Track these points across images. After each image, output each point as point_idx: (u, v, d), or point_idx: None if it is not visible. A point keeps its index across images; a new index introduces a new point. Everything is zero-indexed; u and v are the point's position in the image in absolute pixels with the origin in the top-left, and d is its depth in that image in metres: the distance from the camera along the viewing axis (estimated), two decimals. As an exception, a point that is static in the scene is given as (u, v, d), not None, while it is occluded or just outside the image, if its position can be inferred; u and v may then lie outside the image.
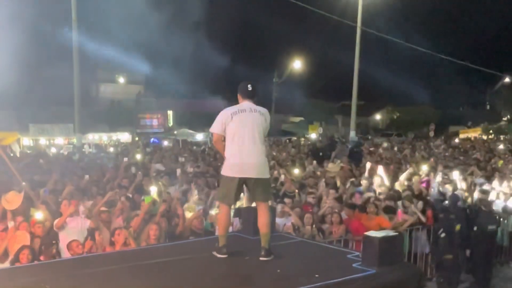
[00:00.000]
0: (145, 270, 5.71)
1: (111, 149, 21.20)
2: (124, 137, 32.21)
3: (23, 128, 26.77)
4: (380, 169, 12.97)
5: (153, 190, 10.09)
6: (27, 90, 28.63)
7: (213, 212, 9.28)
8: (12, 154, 18.57)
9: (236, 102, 6.46)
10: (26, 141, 25.94)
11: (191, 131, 36.08)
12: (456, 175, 12.67)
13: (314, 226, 9.06)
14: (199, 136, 33.74)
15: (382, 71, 50.72)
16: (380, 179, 12.37)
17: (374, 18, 32.64)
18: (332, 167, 14.23)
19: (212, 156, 18.49)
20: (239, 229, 7.71)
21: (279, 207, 9.35)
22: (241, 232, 7.40)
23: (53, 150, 21.81)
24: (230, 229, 8.20)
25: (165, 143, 25.33)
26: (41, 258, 7.40)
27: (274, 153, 20.00)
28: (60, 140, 26.76)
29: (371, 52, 43.15)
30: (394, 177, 13.22)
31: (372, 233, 5.75)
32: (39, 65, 28.76)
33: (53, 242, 7.82)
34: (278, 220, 8.51)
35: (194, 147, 23.43)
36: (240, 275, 5.66)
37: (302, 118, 53.73)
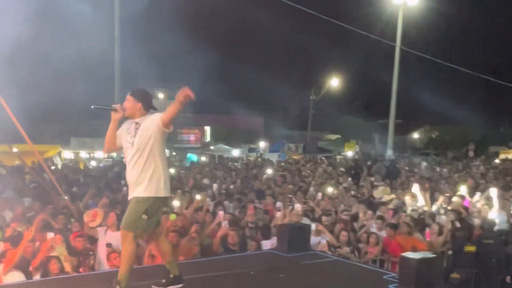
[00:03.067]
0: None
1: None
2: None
3: (65, 141, 27.47)
4: (415, 187, 12.77)
5: (176, 204, 10.15)
6: (69, 104, 29.34)
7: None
8: (53, 167, 19.01)
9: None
10: (67, 154, 26.57)
11: (227, 147, 36.28)
12: (494, 195, 12.29)
13: (349, 245, 8.94)
14: (235, 152, 33.88)
15: (421, 90, 50.01)
16: (411, 197, 12.21)
17: (414, 36, 32.30)
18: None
19: (246, 172, 18.54)
20: (275, 247, 7.69)
21: (314, 226, 9.27)
22: (276, 250, 7.38)
23: (93, 163, 22.25)
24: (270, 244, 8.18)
25: (202, 158, 25.55)
26: (80, 270, 7.50)
27: (309, 171, 19.91)
28: (99, 154, 27.29)
29: (410, 70, 42.68)
30: (430, 197, 12.98)
31: (409, 254, 5.65)
32: (81, 79, 29.48)
33: (91, 253, 7.90)
34: (313, 239, 8.44)
35: (230, 163, 23.52)
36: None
37: (338, 136, 53.37)
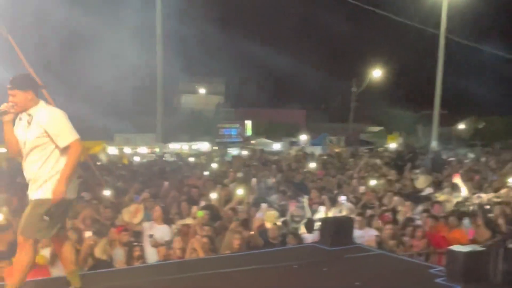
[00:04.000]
0: (223, 278, 5.75)
1: (191, 159, 21.64)
2: (204, 146, 32.81)
3: (109, 137, 27.95)
4: (457, 178, 12.45)
5: (213, 196, 10.16)
6: (114, 100, 29.95)
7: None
8: (99, 163, 19.39)
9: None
10: (112, 150, 27.03)
11: (268, 141, 36.20)
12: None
13: (394, 238, 8.78)
14: (277, 146, 33.77)
15: (466, 79, 48.78)
16: (451, 189, 11.93)
17: (459, 25, 31.42)
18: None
19: (287, 166, 18.44)
20: (317, 240, 7.62)
21: (358, 219, 9.13)
22: (318, 243, 7.31)
23: (136, 158, 22.59)
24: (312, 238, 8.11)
25: (244, 152, 25.57)
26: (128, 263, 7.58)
27: (351, 164, 19.65)
28: (143, 149, 27.68)
29: (455, 60, 41.59)
30: (478, 188, 12.64)
31: (457, 247, 5.50)
32: (124, 76, 30.04)
33: (135, 244, 7.97)
34: (357, 232, 8.33)
35: (271, 157, 23.46)
36: (317, 286, 5.57)
37: (381, 128, 52.57)
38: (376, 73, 47.56)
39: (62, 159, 4.80)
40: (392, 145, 32.15)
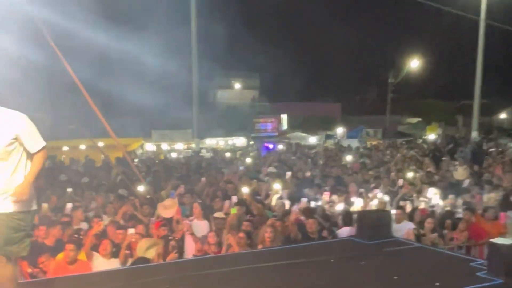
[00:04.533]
0: (259, 273, 5.75)
1: (227, 154, 21.76)
2: (240, 141, 32.95)
3: (146, 134, 28.39)
4: (499, 169, 12.16)
5: (245, 190, 10.16)
6: (150, 97, 30.28)
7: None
8: (136, 159, 19.69)
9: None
10: (149, 146, 27.43)
11: (304, 134, 36.11)
12: None
13: (434, 231, 8.61)
14: (312, 139, 33.65)
15: (508, 68, 47.47)
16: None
17: (499, 11, 30.48)
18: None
19: (323, 159, 18.34)
20: (354, 234, 7.54)
21: (396, 212, 9.00)
22: (356, 237, 7.23)
23: (173, 154, 22.84)
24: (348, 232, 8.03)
25: (279, 146, 25.56)
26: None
27: (388, 156, 19.40)
28: (179, 145, 27.97)
29: (496, 47, 40.45)
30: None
31: (499, 240, 5.34)
32: (161, 73, 30.35)
33: (170, 238, 8.02)
34: (396, 226, 8.20)
35: (307, 150, 23.38)
36: (355, 280, 5.51)
37: (419, 119, 51.69)
38: (414, 63, 46.68)
39: (29, 166, 4.46)
40: (431, 137, 31.59)
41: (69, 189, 11.29)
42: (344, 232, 8.26)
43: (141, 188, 10.82)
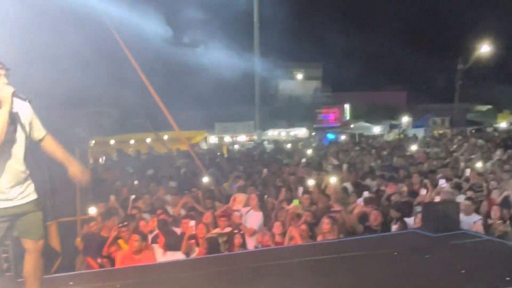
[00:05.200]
0: (320, 265, 5.71)
1: (289, 145, 21.74)
2: (302, 132, 32.81)
3: (210, 126, 28.79)
4: None
5: (311, 183, 10.06)
6: (213, 90, 30.65)
7: None
8: (199, 152, 19.98)
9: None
10: (213, 139, 27.83)
11: (367, 124, 35.50)
12: None
13: (505, 223, 8.23)
14: (376, 129, 33.04)
15: None
16: None
17: None
18: None
19: (387, 149, 17.95)
20: (419, 226, 7.34)
21: (464, 203, 8.67)
22: (421, 229, 7.04)
23: (236, 147, 23.05)
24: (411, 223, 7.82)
25: (342, 137, 25.27)
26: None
27: (456, 146, 18.74)
28: (242, 137, 28.21)
29: None
30: None
31: None
32: (223, 66, 30.64)
33: (235, 232, 8.12)
34: (463, 218, 7.90)
35: (370, 140, 22.98)
36: (420, 274, 5.36)
37: (490, 106, 49.64)
38: (484, 48, 44.76)
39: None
40: (503, 124, 30.29)
41: (136, 182, 11.62)
42: (408, 223, 8.05)
43: (203, 180, 10.99)
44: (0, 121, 3.90)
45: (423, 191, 9.50)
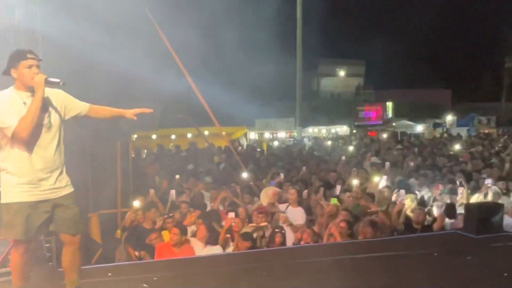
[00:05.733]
0: (358, 263, 5.65)
1: (329, 142, 21.59)
2: (342, 130, 32.50)
3: (250, 122, 28.83)
4: None
5: (355, 182, 9.94)
6: (255, 86, 30.68)
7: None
8: (240, 148, 20.08)
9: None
10: (252, 135, 27.86)
11: (410, 123, 34.87)
12: None
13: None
14: (419, 128, 32.42)
15: None
16: None
17: None
18: None
19: (430, 148, 17.59)
20: (461, 227, 7.17)
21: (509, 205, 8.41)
22: (462, 230, 6.88)
23: (275, 143, 23.04)
24: (453, 224, 7.65)
25: (384, 135, 24.91)
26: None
27: (501, 145, 18.21)
28: (282, 134, 28.15)
29: None
30: None
31: None
32: (265, 62, 30.66)
33: (277, 230, 8.10)
34: (508, 220, 7.67)
35: (413, 139, 22.58)
36: (460, 276, 5.24)
37: (539, 105, 48.03)
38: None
39: None
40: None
41: (177, 176, 11.75)
42: (449, 224, 7.89)
43: (242, 176, 11.02)
44: (33, 106, 3.98)
45: (463, 191, 9.28)
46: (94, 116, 4.49)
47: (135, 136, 17.41)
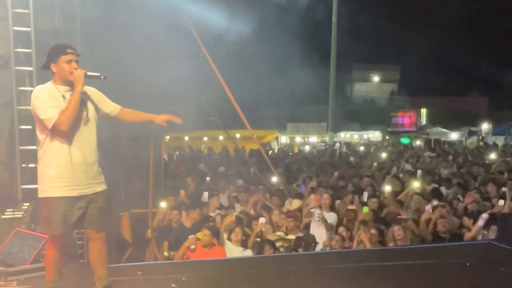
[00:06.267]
0: (387, 271, 5.59)
1: (361, 148, 21.41)
2: (375, 135, 32.18)
3: (282, 126, 28.85)
4: None
5: (388, 189, 9.81)
6: (287, 90, 30.72)
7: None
8: (270, 151, 20.09)
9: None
10: (283, 139, 27.86)
11: (444, 130, 34.32)
12: None
13: None
14: (454, 135, 31.87)
15: None
16: None
17: None
18: None
19: (464, 157, 17.27)
20: (494, 237, 7.02)
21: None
22: (496, 240, 6.73)
23: (307, 147, 22.98)
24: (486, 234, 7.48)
25: (417, 142, 24.59)
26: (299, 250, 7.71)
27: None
28: (313, 138, 28.06)
29: None
30: None
31: None
32: (298, 67, 30.65)
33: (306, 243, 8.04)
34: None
35: (447, 147, 22.21)
36: (492, 287, 5.13)
37: None
38: None
39: None
40: None
41: (208, 178, 11.83)
42: (483, 234, 7.72)
43: (273, 180, 11.02)
44: (73, 99, 4.06)
45: (500, 202, 9.06)
46: (123, 119, 4.57)
47: (168, 137, 17.60)
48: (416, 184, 10.39)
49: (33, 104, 4.08)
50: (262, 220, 7.75)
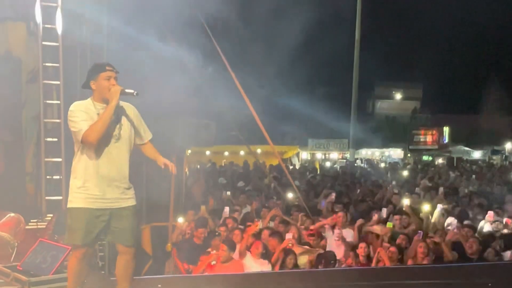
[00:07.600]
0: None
1: (382, 165, 21.29)
2: (396, 153, 31.96)
3: (303, 142, 28.81)
4: None
5: (406, 202, 9.74)
6: (307, 106, 30.73)
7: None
8: (291, 167, 20.07)
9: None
10: (304, 154, 27.83)
11: (467, 149, 33.91)
12: None
13: None
14: (477, 154, 31.47)
15: None
16: None
17: None
18: None
19: (488, 175, 17.03)
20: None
21: None
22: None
23: (328, 163, 22.93)
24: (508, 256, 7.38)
25: (439, 160, 24.36)
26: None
27: None
28: (334, 155, 27.98)
29: None
30: None
31: None
32: (321, 82, 30.74)
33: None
34: None
35: (468, 165, 21.94)
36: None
37: None
38: None
39: None
40: None
41: (228, 192, 11.86)
42: (506, 256, 7.60)
43: (292, 195, 11.00)
44: (106, 114, 4.13)
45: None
46: (142, 150, 4.63)
47: (189, 151, 17.71)
48: (439, 205, 10.31)
49: (68, 117, 4.21)
50: (288, 236, 7.72)
